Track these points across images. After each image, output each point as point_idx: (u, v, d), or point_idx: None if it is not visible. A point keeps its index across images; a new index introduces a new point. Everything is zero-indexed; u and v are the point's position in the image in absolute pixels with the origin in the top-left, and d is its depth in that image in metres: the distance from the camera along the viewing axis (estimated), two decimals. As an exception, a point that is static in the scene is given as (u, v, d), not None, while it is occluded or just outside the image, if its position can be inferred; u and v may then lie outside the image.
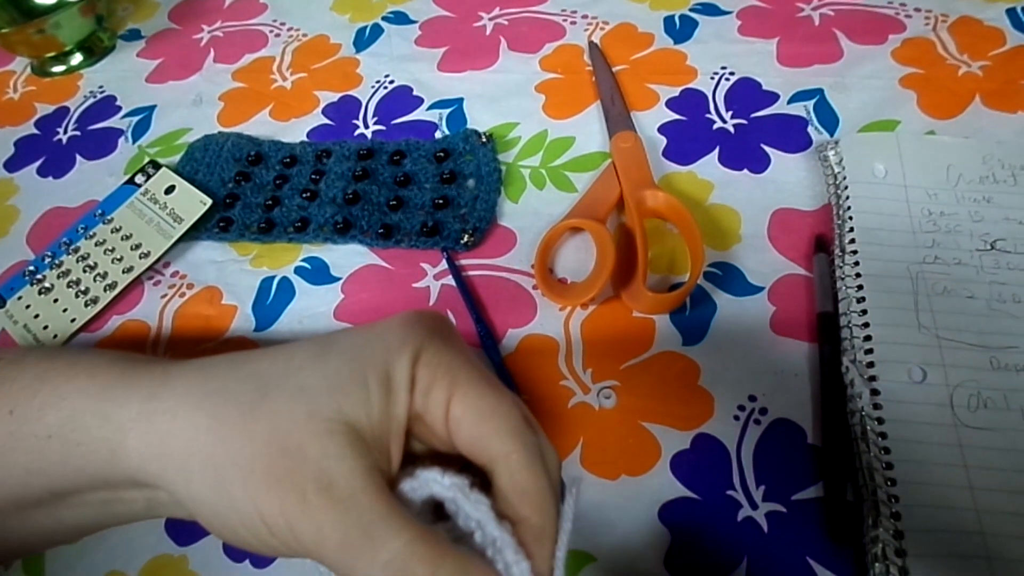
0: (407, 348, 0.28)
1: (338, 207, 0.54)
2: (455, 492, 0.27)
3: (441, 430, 0.28)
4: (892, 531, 0.37)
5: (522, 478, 0.27)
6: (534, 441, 0.28)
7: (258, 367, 0.29)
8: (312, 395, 0.27)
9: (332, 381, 0.27)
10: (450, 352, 0.28)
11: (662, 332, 0.47)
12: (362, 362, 0.27)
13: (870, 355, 0.43)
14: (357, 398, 0.27)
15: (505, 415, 0.28)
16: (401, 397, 0.27)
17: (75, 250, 0.56)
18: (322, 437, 0.26)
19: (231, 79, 0.68)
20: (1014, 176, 0.50)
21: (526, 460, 0.27)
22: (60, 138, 0.66)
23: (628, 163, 0.53)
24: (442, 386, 0.27)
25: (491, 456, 0.28)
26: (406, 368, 0.27)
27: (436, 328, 0.29)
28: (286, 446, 0.26)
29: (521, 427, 0.28)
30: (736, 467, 0.41)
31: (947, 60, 0.59)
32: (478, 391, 0.28)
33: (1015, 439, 0.40)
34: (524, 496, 0.27)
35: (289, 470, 0.26)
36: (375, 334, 0.28)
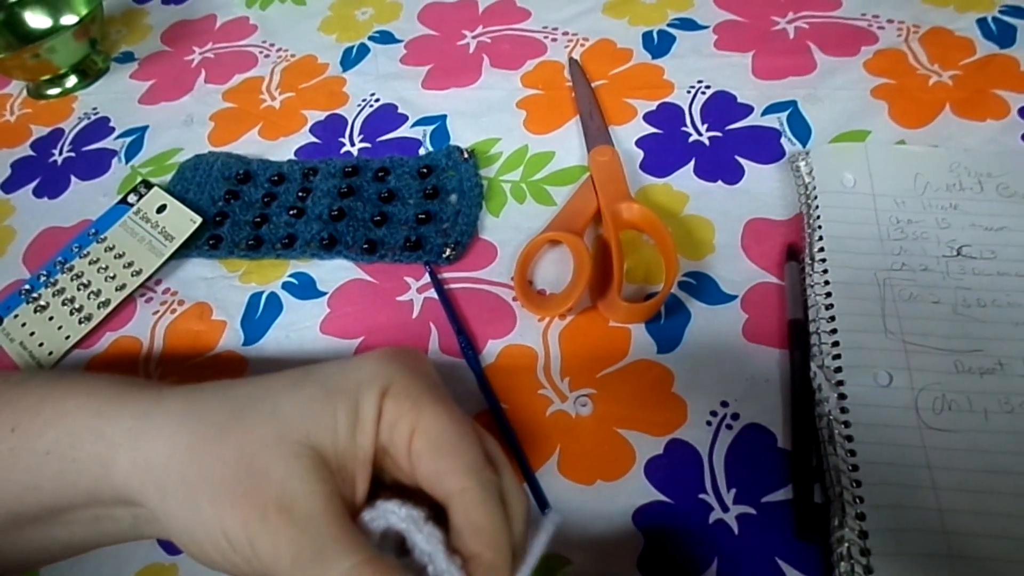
0: (377, 382, 0.29)
1: (324, 223, 0.56)
2: (408, 524, 0.28)
3: (405, 463, 0.29)
4: (857, 531, 0.38)
5: (475, 514, 0.28)
6: (492, 479, 0.29)
7: (240, 391, 0.31)
8: (283, 420, 0.28)
9: (303, 408, 0.29)
10: (419, 388, 0.29)
11: (637, 341, 0.48)
12: (333, 392, 0.29)
13: (837, 360, 0.44)
14: (325, 425, 0.28)
15: (464, 451, 0.29)
16: (367, 428, 0.28)
17: (69, 269, 0.57)
18: (288, 460, 0.27)
19: (221, 99, 0.70)
20: (980, 183, 0.51)
21: (480, 496, 0.28)
22: (55, 159, 0.68)
23: (605, 177, 0.55)
24: (407, 420, 0.29)
25: (447, 491, 0.29)
26: (374, 401, 0.29)
27: (409, 364, 0.30)
28: (253, 466, 0.27)
29: (479, 465, 0.29)
30: (708, 471, 0.42)
31: (918, 70, 0.61)
32: (440, 426, 0.29)
33: (978, 440, 0.41)
34: (477, 533, 0.28)
35: (253, 488, 0.27)
36: (350, 366, 0.30)
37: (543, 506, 0.42)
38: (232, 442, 0.28)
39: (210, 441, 0.29)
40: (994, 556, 0.37)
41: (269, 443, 0.28)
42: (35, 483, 0.32)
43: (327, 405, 0.29)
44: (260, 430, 0.28)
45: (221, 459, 0.28)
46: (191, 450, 0.29)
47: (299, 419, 0.28)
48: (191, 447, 0.29)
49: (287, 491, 0.27)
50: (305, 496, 0.27)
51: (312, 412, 0.28)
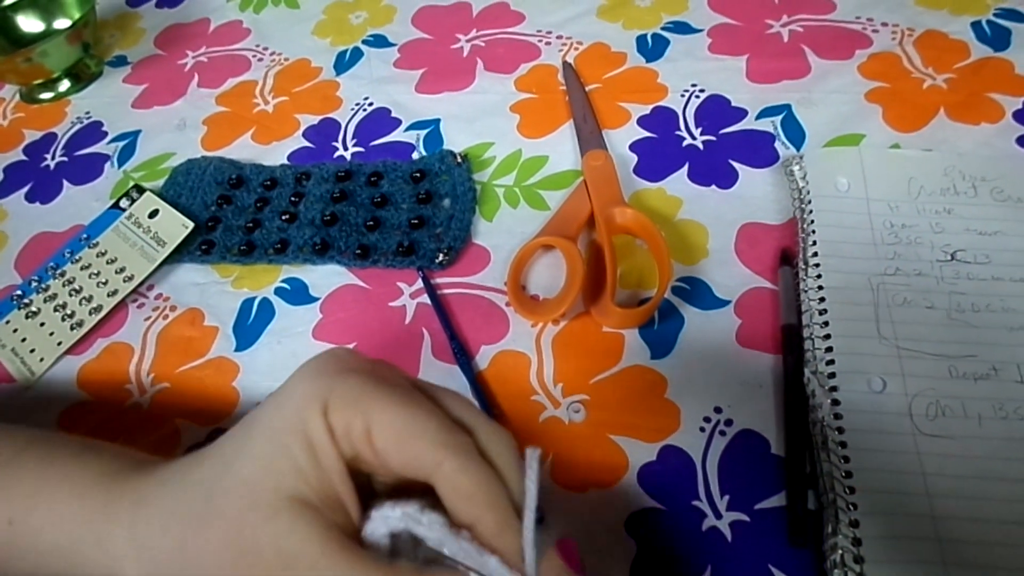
0: (314, 403, 0.28)
1: (316, 228, 0.56)
2: (407, 521, 0.28)
3: (378, 464, 0.29)
4: (851, 538, 0.38)
5: (460, 483, 0.28)
6: (463, 442, 0.29)
7: (200, 474, 0.30)
8: (248, 486, 0.28)
9: (261, 463, 0.28)
10: (358, 386, 0.29)
11: (631, 346, 0.48)
12: (280, 434, 0.28)
13: (831, 366, 0.44)
14: (288, 470, 0.27)
15: (423, 429, 0.28)
16: (326, 451, 0.28)
17: (61, 274, 0.57)
18: (270, 522, 0.27)
19: (214, 103, 0.70)
20: (974, 187, 0.51)
21: (458, 464, 0.28)
22: (48, 164, 0.68)
23: (599, 181, 0.55)
24: (358, 424, 0.28)
25: (425, 473, 0.28)
26: (319, 423, 0.28)
27: (338, 368, 0.29)
28: (242, 545, 0.27)
29: (443, 434, 0.28)
30: (701, 477, 0.42)
31: (912, 74, 0.61)
32: (391, 415, 0.28)
33: (972, 446, 0.41)
34: (469, 499, 0.28)
35: (253, 565, 0.27)
36: (283, 400, 0.29)
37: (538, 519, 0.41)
38: (214, 532, 0.28)
39: (195, 537, 0.28)
40: (988, 564, 0.37)
41: (246, 515, 0.27)
42: (35, 573, 0.33)
43: (280, 450, 0.28)
44: (232, 506, 0.28)
45: (212, 551, 0.28)
46: (184, 551, 0.29)
47: (261, 478, 0.28)
48: (182, 549, 0.29)
49: (283, 551, 0.27)
50: (301, 547, 0.26)
51: (270, 465, 0.28)
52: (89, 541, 0.32)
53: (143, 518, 0.31)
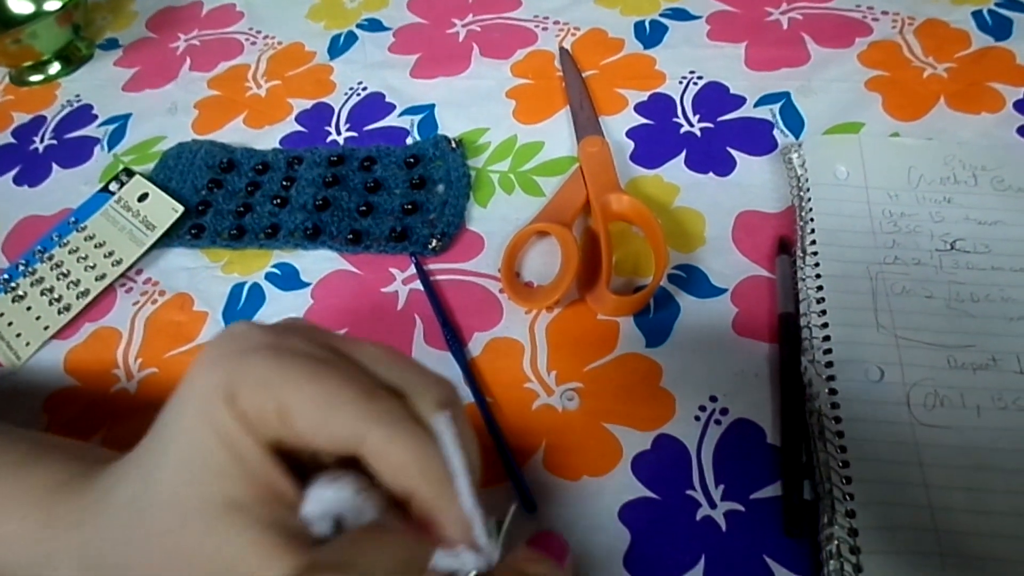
0: (217, 395, 0.25)
1: (308, 213, 0.55)
2: (340, 504, 0.26)
3: (303, 444, 0.26)
4: (847, 529, 0.37)
5: (389, 455, 0.26)
6: (388, 407, 0.26)
7: (124, 494, 0.28)
8: (173, 501, 0.26)
9: (180, 474, 0.26)
10: (262, 365, 0.26)
11: (626, 334, 0.47)
12: (191, 437, 0.26)
13: (828, 355, 0.43)
14: (209, 475, 0.25)
15: (341, 401, 0.25)
16: (243, 443, 0.25)
17: (49, 258, 0.56)
18: (204, 534, 0.25)
19: (206, 87, 0.69)
20: (975, 176, 0.51)
21: (384, 434, 0.25)
22: (36, 147, 0.67)
23: (595, 167, 0.54)
24: (271, 408, 0.25)
25: (352, 448, 0.26)
26: (226, 414, 0.25)
27: (238, 348, 0.27)
28: (180, 563, 0.25)
29: (364, 404, 0.26)
30: (696, 467, 0.42)
31: (913, 62, 0.60)
32: (304, 392, 0.25)
33: (971, 437, 0.40)
34: (400, 471, 0.26)
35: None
36: (185, 397, 0.27)
37: (530, 507, 0.41)
38: (153, 554, 0.26)
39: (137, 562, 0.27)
40: (986, 555, 0.37)
41: (178, 534, 0.25)
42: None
43: (194, 455, 0.25)
44: (163, 526, 0.26)
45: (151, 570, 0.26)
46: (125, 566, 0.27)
47: (185, 490, 0.25)
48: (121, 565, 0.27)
49: (225, 560, 0.25)
50: (240, 556, 0.24)
51: (189, 473, 0.25)
52: (40, 563, 0.30)
53: (85, 542, 0.29)
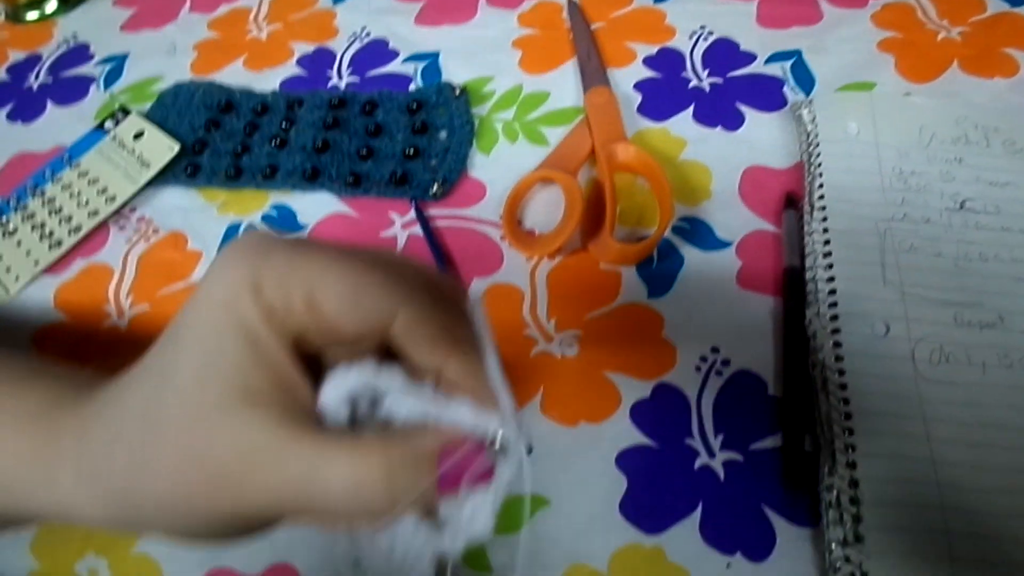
0: (243, 287, 0.25)
1: (308, 155, 0.54)
2: (364, 379, 0.25)
3: (328, 335, 0.26)
4: (848, 479, 0.37)
5: (421, 328, 0.26)
6: (416, 286, 0.26)
7: (139, 394, 0.27)
8: (190, 395, 0.25)
9: (199, 369, 0.25)
10: (286, 258, 0.25)
11: (628, 284, 0.46)
12: (212, 332, 0.25)
13: (834, 308, 0.42)
14: (229, 369, 0.25)
15: (373, 282, 0.25)
16: (266, 338, 0.25)
17: (41, 194, 0.55)
18: (222, 425, 0.25)
19: (206, 29, 0.67)
20: (987, 138, 0.50)
21: (416, 309, 0.26)
22: (31, 84, 0.65)
23: (601, 118, 0.53)
24: (299, 296, 0.25)
25: (383, 326, 0.26)
26: (252, 308, 0.25)
27: (258, 247, 0.26)
28: (198, 455, 0.25)
29: (393, 284, 0.26)
30: (695, 416, 0.41)
31: (926, 25, 0.59)
32: (335, 276, 0.25)
33: (976, 394, 0.40)
34: (432, 344, 0.26)
35: (214, 471, 0.25)
36: (206, 296, 0.26)
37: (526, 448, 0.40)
38: (164, 450, 0.25)
39: (148, 460, 0.26)
40: (987, 510, 0.36)
41: (195, 428, 0.25)
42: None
43: (215, 350, 0.25)
44: (180, 423, 0.25)
45: (168, 469, 0.25)
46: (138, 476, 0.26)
47: (202, 384, 0.25)
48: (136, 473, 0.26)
49: (240, 451, 0.24)
50: (258, 442, 0.24)
51: (208, 368, 0.25)
52: (36, 479, 0.29)
53: (88, 451, 0.28)
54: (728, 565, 0.37)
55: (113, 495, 0.27)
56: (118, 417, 0.27)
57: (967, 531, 0.36)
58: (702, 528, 0.38)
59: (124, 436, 0.27)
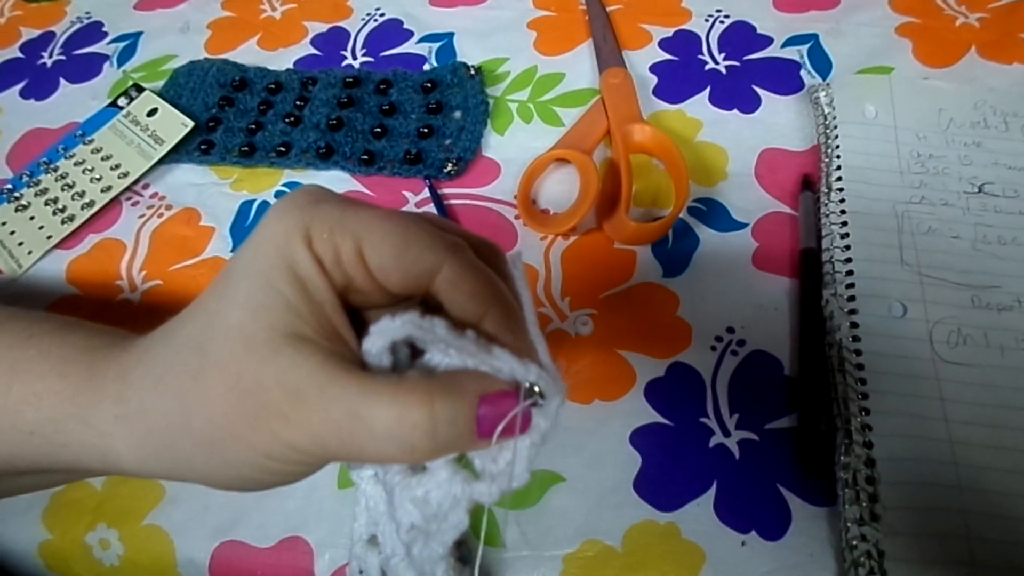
0: (295, 236, 0.26)
1: (321, 133, 0.54)
2: (408, 328, 0.26)
3: (373, 287, 0.27)
4: (864, 458, 0.37)
5: (464, 281, 0.27)
6: (460, 243, 0.27)
7: (186, 331, 0.28)
8: (241, 330, 0.26)
9: (250, 307, 0.26)
10: (337, 211, 0.26)
11: (643, 264, 0.46)
12: (265, 274, 0.26)
13: (851, 289, 0.42)
14: (280, 309, 0.26)
15: (419, 237, 0.26)
16: (316, 282, 0.26)
17: (54, 169, 0.55)
18: (270, 360, 0.25)
19: (220, 8, 0.67)
20: (1006, 122, 0.49)
21: (460, 263, 0.26)
22: (44, 62, 0.65)
23: (617, 98, 0.53)
24: (348, 246, 0.26)
25: (428, 278, 0.26)
26: (304, 253, 0.26)
27: (311, 199, 0.27)
28: (245, 388, 0.25)
29: (438, 240, 0.27)
30: (711, 395, 0.41)
31: (944, 11, 0.59)
32: (383, 230, 0.26)
33: (994, 375, 0.39)
34: (474, 296, 0.27)
35: (261, 405, 0.25)
36: (261, 240, 0.27)
37: None
38: (212, 382, 0.26)
39: (195, 392, 0.26)
40: (1004, 490, 0.36)
41: (244, 358, 0.26)
42: (23, 455, 0.31)
43: (267, 291, 0.26)
44: (228, 353, 0.26)
45: (215, 400, 0.26)
46: (185, 410, 0.27)
47: (253, 320, 0.26)
48: (184, 408, 0.27)
49: (288, 386, 0.25)
50: (306, 379, 0.25)
51: (260, 306, 0.26)
52: (74, 419, 0.30)
53: (131, 388, 0.29)
54: (743, 543, 0.36)
55: (154, 435, 0.28)
56: (165, 354, 0.28)
57: (984, 511, 0.35)
58: (717, 506, 0.37)
59: (172, 371, 0.27)
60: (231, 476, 0.27)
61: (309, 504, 0.39)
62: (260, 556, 0.38)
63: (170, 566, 0.39)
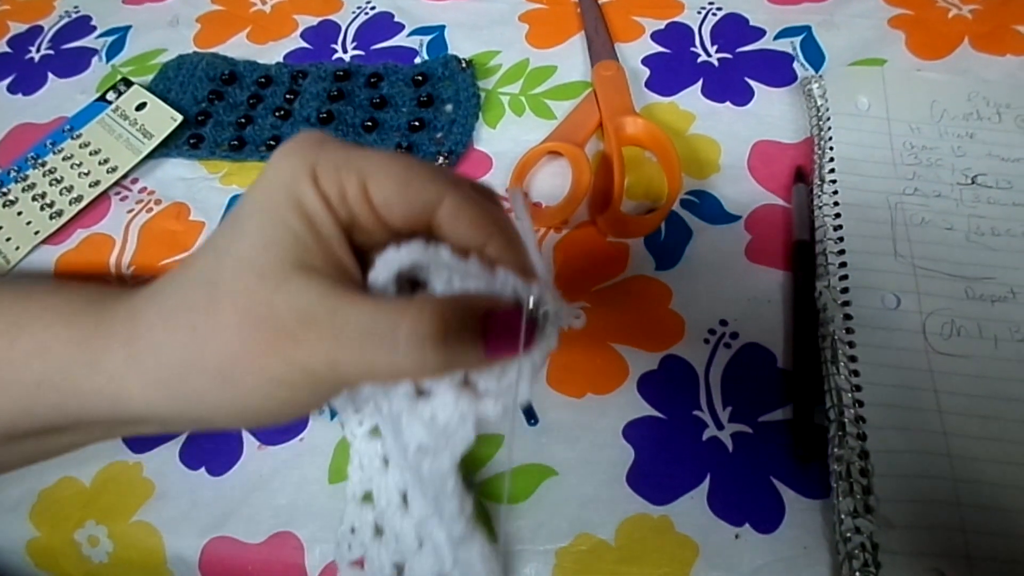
0: (302, 174, 0.27)
1: (311, 126, 0.53)
2: (413, 255, 0.27)
3: (376, 225, 0.28)
4: (858, 451, 0.36)
5: (465, 211, 0.28)
6: (459, 178, 0.29)
7: (196, 268, 0.28)
8: (251, 261, 0.27)
9: (261, 240, 0.27)
10: (341, 151, 0.28)
11: (636, 256, 0.46)
12: (274, 210, 0.27)
13: (844, 281, 0.42)
14: (289, 242, 0.27)
15: (420, 172, 0.28)
16: (322, 218, 0.27)
17: (42, 164, 0.55)
18: (281, 288, 0.26)
19: (209, 1, 0.67)
20: (999, 114, 0.49)
21: (461, 194, 0.28)
22: (32, 56, 0.65)
23: (609, 91, 0.52)
24: (353, 184, 0.27)
25: (430, 211, 0.28)
26: (311, 190, 0.27)
27: (315, 141, 0.28)
28: (258, 314, 0.26)
29: (439, 174, 0.28)
30: (704, 388, 0.41)
31: (937, 2, 0.59)
32: (386, 168, 0.27)
33: (988, 367, 0.39)
34: (476, 224, 0.28)
35: (273, 329, 0.26)
36: (268, 180, 0.28)
37: (531, 418, 0.40)
38: (225, 311, 0.27)
39: (207, 324, 0.27)
40: (998, 481, 0.36)
41: (255, 287, 0.26)
42: (30, 409, 0.30)
43: (276, 224, 0.27)
44: (240, 284, 0.27)
45: (228, 328, 0.27)
46: (197, 343, 0.27)
47: (264, 252, 0.27)
48: (195, 340, 0.27)
49: (299, 309, 0.26)
50: (317, 302, 0.26)
51: (270, 240, 0.27)
52: (82, 364, 0.29)
53: (141, 327, 0.29)
54: (737, 536, 0.36)
55: (165, 371, 0.28)
56: (175, 292, 0.28)
57: (978, 502, 0.35)
58: (710, 499, 0.37)
59: (183, 305, 0.28)
60: (240, 408, 0.28)
61: (299, 499, 0.39)
62: (250, 552, 0.38)
63: (160, 562, 0.39)
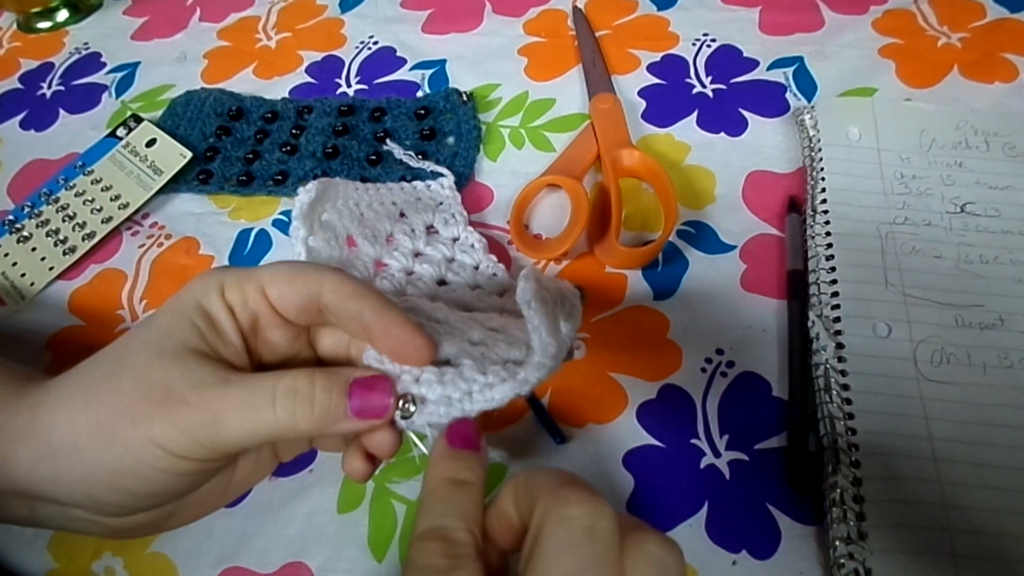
0: (212, 288, 0.32)
1: (317, 161, 0.55)
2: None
3: (277, 320, 0.33)
4: (851, 478, 0.38)
5: (344, 285, 0.32)
6: (337, 269, 0.33)
7: (109, 349, 0.33)
8: (155, 343, 0.31)
9: (165, 329, 0.32)
10: (243, 270, 0.33)
11: (633, 287, 0.47)
12: (181, 311, 0.32)
13: (837, 310, 0.43)
14: (190, 332, 0.31)
15: (304, 267, 0.32)
16: (224, 321, 0.32)
17: (55, 200, 0.56)
18: (178, 361, 0.30)
19: (216, 37, 0.69)
20: (987, 142, 0.50)
21: (338, 276, 0.32)
22: (44, 92, 0.66)
23: (606, 123, 0.54)
24: (252, 290, 0.32)
25: (316, 295, 0.32)
26: (217, 300, 0.32)
27: (222, 268, 0.34)
28: (153, 381, 0.30)
29: (320, 268, 0.32)
30: (701, 417, 0.42)
31: (927, 31, 0.60)
32: (278, 270, 0.32)
33: (976, 393, 0.40)
34: (353, 296, 0.32)
35: (163, 395, 0.30)
36: (182, 293, 0.33)
37: (556, 434, 0.41)
38: (124, 377, 0.31)
39: (105, 388, 0.31)
40: (988, 507, 0.37)
41: (155, 361, 0.31)
42: None
43: (183, 321, 0.31)
44: (142, 358, 0.31)
45: (123, 393, 0.30)
46: (92, 403, 0.31)
47: (168, 337, 0.31)
48: (90, 401, 0.31)
49: (191, 378, 0.30)
50: (209, 372, 0.30)
51: (175, 329, 0.31)
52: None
53: (51, 393, 0.32)
54: (734, 562, 0.37)
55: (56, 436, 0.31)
56: (87, 367, 0.33)
57: (969, 528, 0.36)
58: (708, 526, 0.38)
59: (88, 376, 0.32)
60: (124, 470, 0.30)
61: (309, 529, 0.40)
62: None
63: (175, 593, 0.40)
